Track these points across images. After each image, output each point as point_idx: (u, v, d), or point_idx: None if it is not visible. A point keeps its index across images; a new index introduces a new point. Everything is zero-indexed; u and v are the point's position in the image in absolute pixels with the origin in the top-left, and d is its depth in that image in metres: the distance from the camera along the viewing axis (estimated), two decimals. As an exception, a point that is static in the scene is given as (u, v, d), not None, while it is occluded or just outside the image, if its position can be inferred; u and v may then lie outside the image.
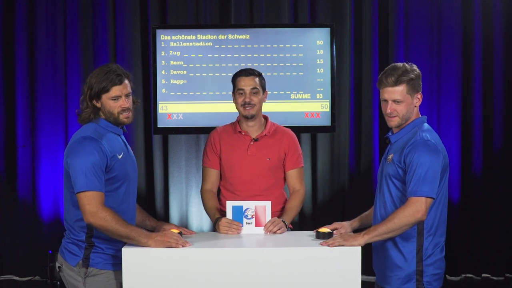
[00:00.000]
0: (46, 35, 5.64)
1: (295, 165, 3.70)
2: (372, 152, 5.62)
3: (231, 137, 3.70)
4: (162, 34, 5.25)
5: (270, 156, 3.65)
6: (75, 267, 3.00)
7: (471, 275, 5.66)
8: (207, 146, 3.74)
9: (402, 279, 3.03)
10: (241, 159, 3.65)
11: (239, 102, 3.63)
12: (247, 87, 3.61)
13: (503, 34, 5.56)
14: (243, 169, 3.64)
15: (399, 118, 3.08)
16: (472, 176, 5.61)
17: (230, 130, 3.73)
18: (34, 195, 5.70)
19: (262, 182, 3.64)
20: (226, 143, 3.69)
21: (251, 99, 3.61)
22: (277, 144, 3.68)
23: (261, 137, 3.67)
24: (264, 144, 3.67)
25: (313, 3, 5.63)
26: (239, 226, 3.32)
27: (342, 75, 5.57)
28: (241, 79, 3.64)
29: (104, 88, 3.00)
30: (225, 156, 3.67)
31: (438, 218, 3.04)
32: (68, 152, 2.98)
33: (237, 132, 3.69)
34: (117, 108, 3.03)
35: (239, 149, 3.67)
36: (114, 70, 3.02)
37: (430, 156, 2.96)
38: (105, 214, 2.87)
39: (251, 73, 3.65)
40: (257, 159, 3.65)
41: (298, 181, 3.71)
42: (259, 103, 3.64)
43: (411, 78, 3.05)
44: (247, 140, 3.68)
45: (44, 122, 5.68)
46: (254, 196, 3.56)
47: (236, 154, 3.66)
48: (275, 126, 3.75)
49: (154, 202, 5.72)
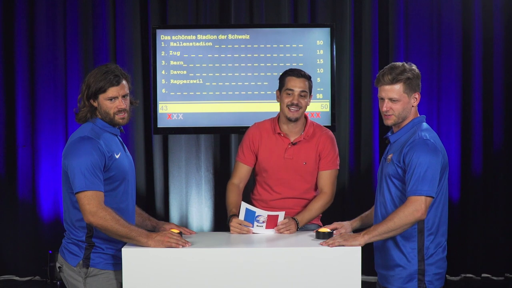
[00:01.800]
0: (46, 35, 5.64)
1: (327, 166, 3.65)
2: (372, 152, 5.62)
3: (270, 138, 3.66)
4: (162, 34, 5.25)
5: (306, 160, 3.63)
6: (76, 267, 3.00)
7: (471, 275, 5.66)
8: (244, 141, 3.71)
9: (404, 278, 3.03)
10: (278, 162, 3.63)
11: (286, 102, 3.58)
12: (296, 88, 3.56)
13: (503, 34, 5.55)
14: (279, 171, 3.64)
15: (395, 116, 3.09)
16: (472, 176, 5.61)
17: (269, 129, 3.69)
18: (34, 195, 5.70)
19: (297, 186, 3.64)
20: (264, 143, 3.66)
21: (299, 101, 3.56)
22: (314, 147, 3.65)
23: (299, 141, 3.64)
24: (301, 148, 3.64)
25: (313, 3, 5.63)
26: (249, 229, 3.33)
27: (342, 75, 5.57)
28: (292, 79, 3.59)
29: (101, 88, 2.99)
30: (262, 156, 3.66)
31: (438, 217, 3.04)
32: (66, 152, 2.97)
33: (276, 133, 3.66)
34: (113, 109, 3.02)
35: (277, 151, 3.64)
36: (112, 71, 3.01)
37: (429, 155, 2.96)
38: (105, 213, 2.87)
39: (303, 75, 3.60)
40: (294, 163, 3.63)
41: (327, 183, 3.65)
42: (305, 107, 3.61)
43: (408, 78, 3.05)
44: (285, 142, 3.64)
45: (44, 122, 5.68)
46: (289, 199, 3.61)
47: (273, 156, 3.64)
48: (314, 127, 3.70)
49: (154, 202, 5.72)
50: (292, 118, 3.58)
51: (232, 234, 3.32)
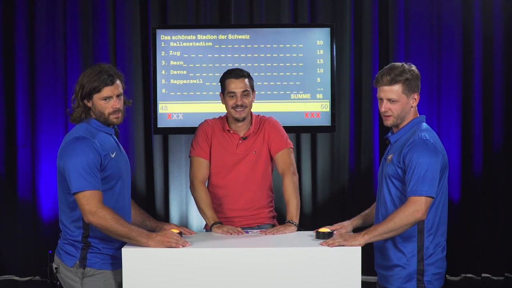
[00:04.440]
0: (46, 35, 5.64)
1: (279, 147, 3.67)
2: (372, 152, 5.62)
3: (221, 134, 3.70)
4: (162, 34, 5.25)
5: (255, 149, 3.67)
6: (72, 268, 2.99)
7: (471, 275, 5.66)
8: (199, 135, 3.70)
9: (403, 278, 3.03)
10: (231, 157, 3.66)
11: (230, 105, 3.61)
12: (238, 89, 3.59)
13: (503, 34, 5.56)
14: (233, 166, 3.65)
15: (394, 117, 3.09)
16: (472, 176, 5.61)
17: (219, 127, 3.72)
18: (34, 195, 5.70)
19: (250, 176, 3.65)
20: (217, 139, 3.69)
21: (242, 101, 3.60)
22: (261, 138, 3.69)
23: (249, 135, 3.69)
24: (251, 141, 3.68)
25: (313, 3, 5.63)
26: (242, 231, 3.36)
27: (342, 75, 5.57)
28: (231, 82, 3.61)
29: (95, 88, 2.98)
30: (215, 152, 3.67)
31: (438, 217, 3.04)
32: (62, 153, 2.97)
33: (226, 131, 3.69)
34: (108, 109, 3.01)
35: (227, 146, 3.67)
36: (106, 70, 3.00)
37: (429, 155, 2.96)
38: (105, 213, 2.87)
39: (241, 75, 3.62)
40: (247, 155, 3.66)
41: (286, 163, 3.64)
42: (250, 105, 3.65)
43: (407, 78, 3.05)
44: (235, 138, 3.68)
45: (44, 122, 5.68)
46: (244, 191, 3.62)
47: (225, 152, 3.66)
48: (259, 120, 3.74)
49: (154, 202, 5.72)
50: (239, 118, 3.63)
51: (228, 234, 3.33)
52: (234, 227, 3.40)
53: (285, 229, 3.37)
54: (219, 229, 3.40)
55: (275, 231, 3.35)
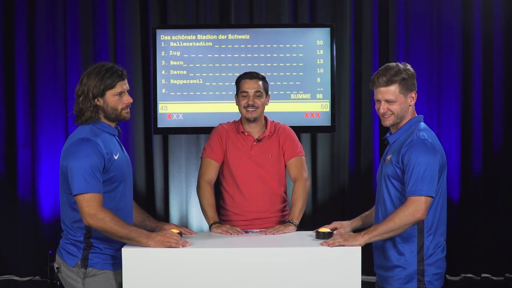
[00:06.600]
0: (46, 35, 5.64)
1: (292, 154, 3.73)
2: (372, 152, 5.62)
3: (235, 137, 3.75)
4: (162, 34, 5.25)
5: (272, 153, 3.72)
6: (74, 268, 2.99)
7: (471, 275, 5.66)
8: (213, 138, 3.75)
9: (403, 279, 3.03)
10: (246, 159, 3.70)
11: (243, 105, 3.69)
12: (251, 90, 3.66)
13: (503, 34, 5.56)
14: (247, 167, 3.69)
15: (394, 116, 3.09)
16: (471, 176, 5.61)
17: (234, 129, 3.78)
18: (34, 195, 5.70)
19: (266, 179, 3.69)
20: (231, 142, 3.74)
21: (254, 101, 3.67)
22: (276, 142, 3.75)
23: (263, 137, 3.73)
24: (266, 143, 3.73)
25: (313, 3, 5.63)
26: (242, 231, 3.37)
27: (342, 75, 5.57)
28: (245, 82, 3.70)
29: (109, 85, 3.00)
30: (230, 155, 3.71)
31: (437, 217, 3.04)
32: (66, 154, 2.97)
33: (240, 132, 3.74)
34: (122, 104, 3.04)
35: (242, 148, 3.72)
36: (113, 67, 3.04)
37: (427, 155, 2.96)
38: (104, 215, 2.87)
39: (255, 76, 3.71)
40: (261, 158, 3.71)
41: (298, 170, 3.71)
42: (262, 106, 3.71)
43: (403, 78, 3.05)
44: (250, 140, 3.73)
45: (44, 122, 5.68)
46: (258, 194, 3.66)
47: (240, 153, 3.71)
48: (274, 125, 3.81)
49: (154, 202, 5.72)
50: (250, 118, 3.68)
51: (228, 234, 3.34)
52: (233, 227, 3.41)
53: (285, 229, 3.40)
54: (218, 228, 3.42)
55: (275, 231, 3.36)
